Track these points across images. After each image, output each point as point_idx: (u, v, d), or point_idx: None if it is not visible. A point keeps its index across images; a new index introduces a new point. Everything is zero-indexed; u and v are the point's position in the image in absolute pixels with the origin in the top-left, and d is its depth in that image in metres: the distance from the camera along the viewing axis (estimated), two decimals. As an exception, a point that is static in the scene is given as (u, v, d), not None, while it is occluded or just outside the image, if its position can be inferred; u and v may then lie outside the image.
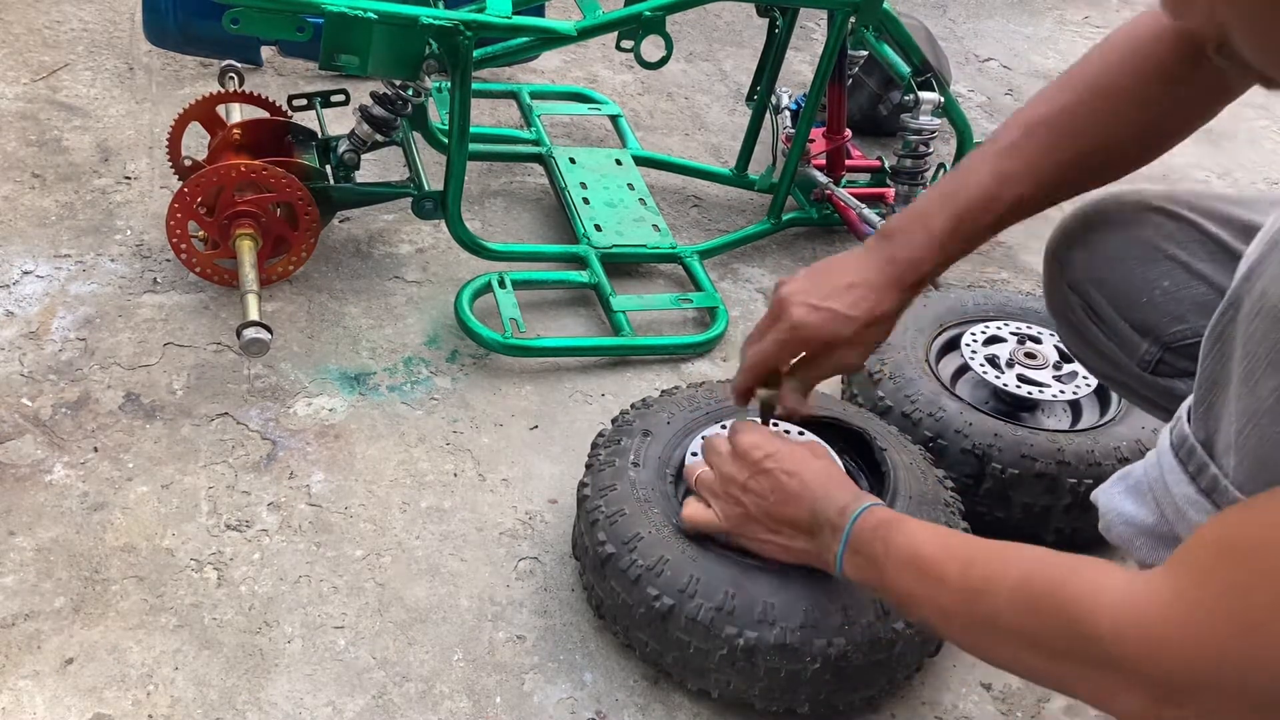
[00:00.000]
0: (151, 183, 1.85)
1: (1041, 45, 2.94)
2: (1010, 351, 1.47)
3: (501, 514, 1.36)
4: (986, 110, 2.56)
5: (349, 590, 1.24)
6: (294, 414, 1.46)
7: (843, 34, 1.73)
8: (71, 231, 1.72)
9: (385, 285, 1.71)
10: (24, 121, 1.95)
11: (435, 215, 1.66)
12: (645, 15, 1.59)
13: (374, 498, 1.36)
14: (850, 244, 1.96)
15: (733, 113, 2.35)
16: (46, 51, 2.16)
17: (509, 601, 1.26)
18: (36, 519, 1.27)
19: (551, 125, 2.15)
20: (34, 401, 1.42)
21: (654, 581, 1.12)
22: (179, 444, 1.39)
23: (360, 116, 1.64)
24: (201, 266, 1.58)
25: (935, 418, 1.37)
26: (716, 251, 1.86)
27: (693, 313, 1.75)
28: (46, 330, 1.53)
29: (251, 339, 1.38)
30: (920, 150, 1.81)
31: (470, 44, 1.49)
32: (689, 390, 1.36)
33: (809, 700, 1.12)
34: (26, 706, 1.08)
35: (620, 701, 1.17)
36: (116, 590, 1.21)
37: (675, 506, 1.19)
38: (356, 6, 1.44)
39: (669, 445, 1.26)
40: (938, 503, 1.22)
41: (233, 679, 1.14)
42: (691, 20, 2.68)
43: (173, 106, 1.80)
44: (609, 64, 2.44)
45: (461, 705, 1.14)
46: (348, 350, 1.58)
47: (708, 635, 1.10)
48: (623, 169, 1.98)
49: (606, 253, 1.77)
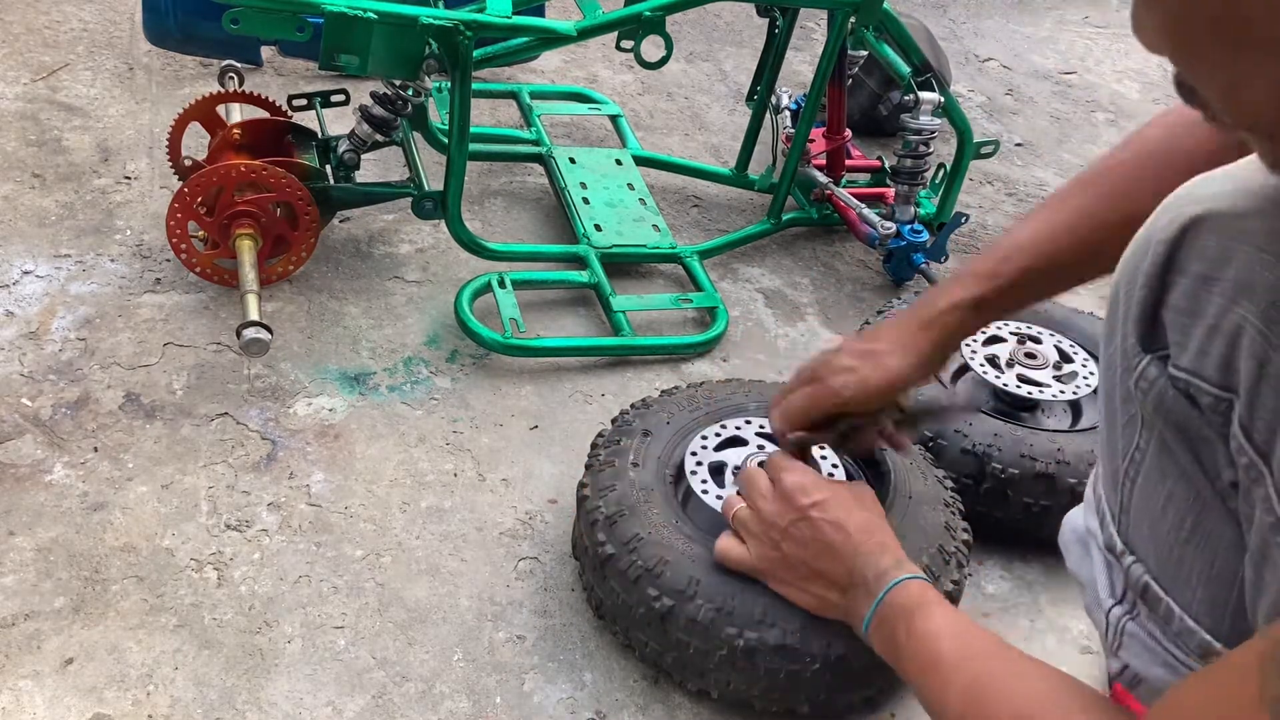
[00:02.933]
0: (151, 183, 1.85)
1: (1041, 45, 2.94)
2: (1010, 351, 1.47)
3: (501, 514, 1.36)
4: (986, 110, 2.56)
5: (349, 590, 1.24)
6: (294, 414, 1.46)
7: (843, 34, 1.73)
8: (71, 231, 1.72)
9: (385, 285, 1.71)
10: (24, 121, 1.95)
11: (435, 215, 1.66)
12: (645, 15, 1.59)
13: (374, 498, 1.36)
14: (850, 244, 1.97)
15: (733, 113, 2.35)
16: (46, 51, 2.16)
17: (509, 601, 1.26)
18: (36, 519, 1.27)
19: (551, 125, 2.15)
20: (34, 401, 1.42)
21: (654, 582, 1.12)
22: (179, 444, 1.39)
23: (360, 116, 1.64)
24: (201, 266, 1.58)
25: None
26: (716, 251, 1.86)
27: (693, 313, 1.75)
28: (46, 330, 1.53)
29: (251, 339, 1.38)
30: (920, 150, 1.81)
31: (470, 44, 1.49)
32: (689, 390, 1.36)
33: (809, 700, 1.12)
34: (26, 706, 1.08)
35: (620, 701, 1.17)
36: (116, 590, 1.21)
37: (675, 507, 1.19)
38: (356, 6, 1.44)
39: (669, 445, 1.26)
40: (938, 502, 1.22)
41: (233, 679, 1.14)
42: (691, 20, 2.68)
43: (173, 106, 1.79)
44: (609, 64, 2.44)
45: (461, 705, 1.14)
46: (348, 350, 1.58)
47: (708, 636, 1.10)
48: (623, 169, 1.98)
49: (606, 253, 1.77)
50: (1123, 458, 0.86)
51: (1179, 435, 0.79)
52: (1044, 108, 2.64)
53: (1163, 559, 0.85)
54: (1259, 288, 0.71)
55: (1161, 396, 0.79)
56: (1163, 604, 0.85)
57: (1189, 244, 0.76)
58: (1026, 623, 1.33)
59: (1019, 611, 1.34)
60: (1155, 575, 0.86)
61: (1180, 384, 0.77)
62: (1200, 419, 0.76)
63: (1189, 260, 0.76)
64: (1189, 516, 0.81)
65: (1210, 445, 0.77)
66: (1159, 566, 0.85)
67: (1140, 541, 0.87)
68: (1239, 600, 0.80)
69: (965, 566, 1.20)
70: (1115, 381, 0.85)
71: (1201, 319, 0.74)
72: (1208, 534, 0.80)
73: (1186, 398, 0.77)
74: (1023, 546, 1.40)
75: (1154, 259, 0.78)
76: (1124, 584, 0.89)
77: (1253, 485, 0.73)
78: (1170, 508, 0.83)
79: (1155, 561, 0.85)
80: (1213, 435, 0.76)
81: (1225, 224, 0.73)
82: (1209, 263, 0.74)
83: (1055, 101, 2.69)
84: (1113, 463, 0.88)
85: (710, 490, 1.21)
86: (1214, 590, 0.82)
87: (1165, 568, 0.85)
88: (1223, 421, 0.74)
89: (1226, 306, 0.73)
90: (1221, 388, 0.74)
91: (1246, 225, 0.72)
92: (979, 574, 1.37)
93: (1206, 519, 0.80)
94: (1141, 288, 0.79)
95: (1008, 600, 1.35)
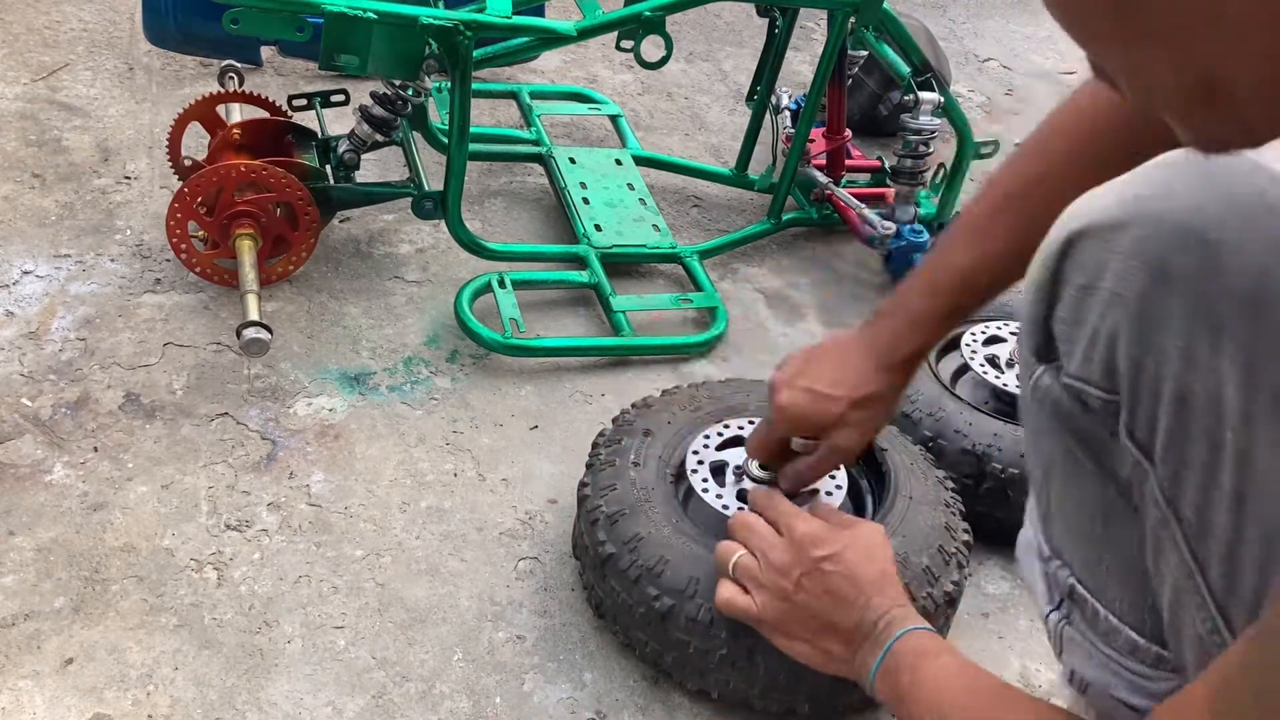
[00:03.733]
0: (151, 183, 1.85)
1: (1041, 45, 2.94)
2: (1010, 351, 1.47)
3: (501, 514, 1.36)
4: (986, 110, 2.56)
5: (349, 590, 1.24)
6: (294, 414, 1.46)
7: (843, 34, 1.73)
8: (71, 231, 1.71)
9: (385, 285, 1.71)
10: (24, 121, 1.95)
11: (435, 215, 1.66)
12: (645, 15, 1.59)
13: (374, 498, 1.36)
14: (850, 244, 1.97)
15: (733, 113, 2.35)
16: (46, 51, 2.16)
17: (509, 601, 1.26)
18: (36, 519, 1.27)
19: (551, 125, 2.15)
20: (34, 401, 1.42)
21: (654, 581, 1.12)
22: (179, 444, 1.39)
23: (360, 116, 1.64)
24: (201, 266, 1.58)
25: (935, 418, 1.37)
26: (716, 251, 1.86)
27: (693, 313, 1.75)
28: (46, 330, 1.53)
29: (251, 339, 1.38)
30: (920, 150, 1.81)
31: (470, 44, 1.49)
32: (690, 390, 1.36)
33: (808, 700, 1.12)
34: (26, 706, 1.08)
35: (620, 702, 1.17)
36: (116, 590, 1.21)
37: (676, 506, 1.19)
38: (356, 6, 1.44)
39: (670, 445, 1.26)
40: (938, 503, 1.22)
41: (232, 679, 1.14)
42: (691, 20, 2.68)
43: (173, 106, 1.79)
44: (609, 64, 2.44)
45: (461, 705, 1.14)
46: (348, 350, 1.58)
47: (707, 635, 1.10)
48: (623, 169, 1.98)
49: (606, 253, 1.77)
50: (1041, 466, 0.89)
51: (1078, 440, 0.82)
52: (1044, 108, 2.62)
53: (1083, 561, 0.88)
54: (1128, 294, 0.74)
55: (1058, 404, 0.82)
56: (1089, 605, 0.87)
57: (1071, 257, 0.79)
58: (1026, 623, 1.33)
59: (1019, 611, 1.34)
60: (1080, 578, 0.88)
61: (1073, 390, 0.80)
62: (1095, 420, 0.80)
63: (1072, 272, 0.79)
64: (1098, 516, 0.85)
65: (1107, 446, 0.80)
66: (1081, 569, 0.88)
67: (1065, 546, 0.89)
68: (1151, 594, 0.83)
69: (965, 567, 1.20)
70: (1027, 394, 0.87)
71: (1084, 327, 0.78)
72: (1117, 532, 0.83)
73: (1080, 403, 0.80)
74: (1023, 546, 1.39)
75: (1041, 273, 0.82)
76: (1057, 589, 0.91)
77: (1141, 482, 0.77)
78: (1083, 509, 0.86)
79: (1078, 564, 0.88)
80: (1107, 436, 0.79)
81: (1100, 235, 0.77)
82: (1088, 273, 0.78)
83: (1055, 101, 2.67)
84: (1035, 471, 0.91)
85: (711, 490, 1.21)
86: (1131, 587, 0.84)
87: (1087, 569, 0.87)
88: (1115, 422, 0.78)
89: (1104, 313, 0.76)
90: (1107, 390, 0.78)
91: (1117, 236, 0.76)
92: (979, 574, 1.37)
93: (1114, 517, 0.83)
94: (1033, 302, 0.83)
95: (1007, 600, 1.35)
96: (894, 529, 1.17)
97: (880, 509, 1.22)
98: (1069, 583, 0.89)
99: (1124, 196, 0.77)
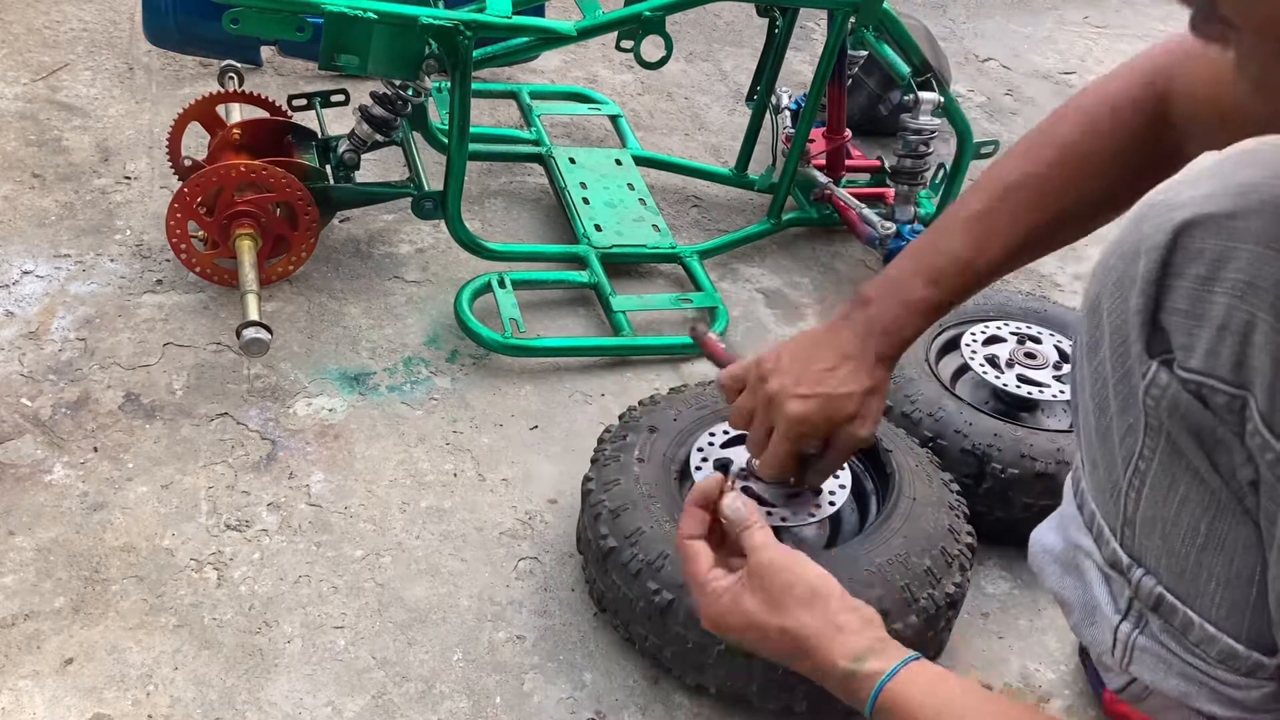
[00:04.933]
0: (151, 183, 1.85)
1: (1041, 45, 2.94)
2: (1010, 351, 1.47)
3: (501, 514, 1.36)
4: (986, 110, 2.56)
5: (349, 590, 1.24)
6: (294, 414, 1.46)
7: (843, 34, 1.73)
8: (71, 231, 1.71)
9: (385, 285, 1.71)
10: (24, 121, 1.95)
11: (435, 215, 1.66)
12: (645, 15, 1.59)
13: (374, 498, 1.36)
14: (850, 244, 1.97)
15: (733, 113, 2.35)
16: (46, 51, 2.16)
17: (509, 601, 1.26)
18: (36, 519, 1.27)
19: (551, 125, 2.15)
20: (34, 401, 1.42)
21: (654, 576, 1.12)
22: (179, 444, 1.39)
23: (360, 116, 1.64)
24: (201, 266, 1.58)
25: (935, 418, 1.37)
26: (716, 251, 1.86)
27: (693, 313, 1.75)
28: (46, 330, 1.53)
29: (251, 339, 1.38)
30: (920, 150, 1.81)
31: (470, 44, 1.49)
32: (696, 388, 1.37)
33: (806, 697, 1.12)
34: (26, 706, 1.08)
35: (620, 701, 1.17)
36: (116, 590, 1.21)
37: (679, 502, 1.19)
38: (356, 6, 1.44)
39: (674, 442, 1.27)
40: (942, 505, 1.22)
41: (232, 679, 1.14)
42: (691, 20, 2.68)
43: (173, 106, 1.79)
44: (609, 64, 2.44)
45: (461, 705, 1.14)
46: (348, 350, 1.58)
47: (706, 630, 1.10)
48: (623, 169, 1.98)
49: (606, 253, 1.77)
50: (1124, 469, 0.86)
51: (1192, 438, 0.79)
52: (1044, 108, 2.64)
53: (1177, 567, 0.85)
54: (1266, 284, 0.71)
55: (1175, 401, 0.79)
56: (1179, 614, 0.85)
57: (1183, 248, 0.76)
58: (1026, 623, 1.33)
59: (1019, 611, 1.34)
60: (1169, 586, 0.85)
61: (1191, 386, 0.77)
62: (1214, 419, 0.77)
63: (1185, 264, 0.76)
64: (1204, 520, 0.82)
65: (1225, 445, 0.77)
66: (1173, 576, 0.85)
67: (1150, 553, 0.86)
68: (1259, 598, 0.80)
69: (968, 570, 1.20)
70: (1108, 393, 0.85)
71: (1207, 320, 0.75)
72: (1225, 536, 0.81)
73: (1198, 399, 0.77)
74: (1023, 546, 1.37)
75: (1148, 266, 0.79)
76: (1138, 598, 0.88)
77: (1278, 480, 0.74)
78: (1184, 514, 0.83)
79: (1169, 572, 0.85)
80: (1227, 435, 0.76)
81: (1219, 225, 0.74)
82: (1207, 264, 0.75)
83: (1055, 101, 2.68)
84: (1112, 475, 0.88)
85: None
86: (1233, 593, 0.82)
87: (1181, 577, 0.85)
88: (1237, 420, 0.75)
89: (1234, 305, 0.73)
90: (1235, 385, 0.75)
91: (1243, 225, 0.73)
92: (979, 574, 1.37)
93: (1223, 521, 0.80)
94: (1138, 295, 0.80)
95: (1008, 600, 1.35)
96: (897, 529, 1.17)
97: (883, 509, 1.22)
98: (1155, 592, 0.86)
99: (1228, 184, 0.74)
